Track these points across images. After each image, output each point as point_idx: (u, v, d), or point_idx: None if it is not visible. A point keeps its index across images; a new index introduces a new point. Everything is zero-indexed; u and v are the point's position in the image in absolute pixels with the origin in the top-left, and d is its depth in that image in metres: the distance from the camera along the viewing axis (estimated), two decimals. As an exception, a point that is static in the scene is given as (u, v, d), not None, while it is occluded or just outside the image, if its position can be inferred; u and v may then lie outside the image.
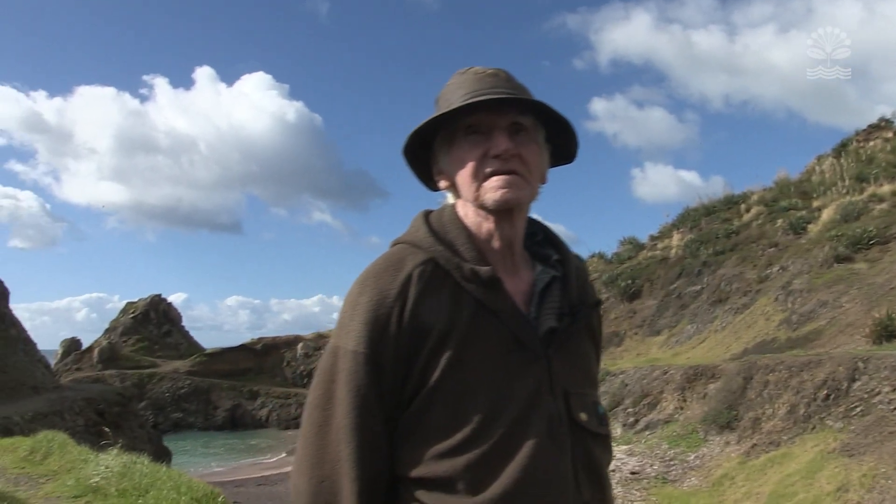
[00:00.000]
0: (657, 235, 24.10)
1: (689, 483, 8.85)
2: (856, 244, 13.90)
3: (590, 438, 1.22)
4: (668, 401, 11.78)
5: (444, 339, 1.14)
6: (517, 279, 1.27)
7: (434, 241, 1.23)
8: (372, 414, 1.14)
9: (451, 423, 1.12)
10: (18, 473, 7.38)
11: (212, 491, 5.21)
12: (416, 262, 1.19)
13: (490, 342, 1.17)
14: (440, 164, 1.32)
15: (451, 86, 1.29)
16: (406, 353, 1.14)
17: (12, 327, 19.24)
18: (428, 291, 1.17)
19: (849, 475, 6.46)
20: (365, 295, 1.17)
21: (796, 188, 20.51)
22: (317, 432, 1.16)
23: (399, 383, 1.15)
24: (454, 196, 1.32)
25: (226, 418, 32.16)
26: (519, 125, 1.25)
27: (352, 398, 1.13)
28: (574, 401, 1.21)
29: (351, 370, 1.14)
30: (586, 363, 1.31)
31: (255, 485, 16.97)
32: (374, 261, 1.23)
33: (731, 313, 15.54)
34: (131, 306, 38.38)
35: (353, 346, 1.15)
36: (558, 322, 1.23)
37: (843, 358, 8.59)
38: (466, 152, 1.24)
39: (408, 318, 1.15)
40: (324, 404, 1.16)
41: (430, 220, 1.29)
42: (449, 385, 1.13)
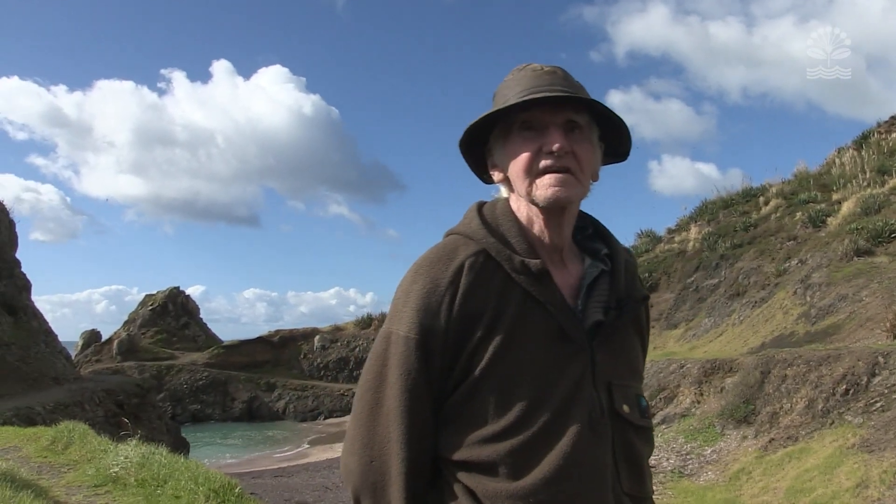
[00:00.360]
0: (674, 228, 23.93)
1: (706, 477, 8.80)
2: (876, 237, 13.71)
3: (631, 430, 1.26)
4: (685, 395, 11.71)
5: (493, 328, 1.18)
6: (566, 272, 1.31)
7: (486, 233, 1.26)
8: (421, 398, 1.18)
9: (496, 409, 1.17)
10: (41, 462, 7.50)
11: (229, 482, 5.26)
12: (468, 252, 1.24)
13: (537, 333, 1.20)
14: (495, 158, 1.35)
15: (509, 82, 1.32)
16: (455, 341, 1.19)
17: (34, 319, 19.51)
18: (478, 282, 1.21)
19: (868, 471, 6.39)
20: (418, 283, 1.22)
21: (816, 181, 20.24)
22: (368, 414, 1.21)
23: (447, 369, 1.20)
24: (507, 190, 1.36)
25: (243, 410, 32.41)
26: (574, 123, 1.27)
27: (402, 382, 1.18)
28: (617, 392, 1.25)
29: (402, 355, 1.18)
30: (631, 356, 1.34)
31: (272, 476, 17.09)
32: (428, 250, 1.27)
33: (748, 307, 15.41)
34: (150, 299, 38.75)
35: (405, 332, 1.19)
36: (604, 315, 1.26)
37: (863, 352, 8.49)
38: (520, 148, 1.27)
39: (458, 306, 1.19)
40: (375, 387, 1.21)
41: (483, 212, 1.32)
42: (495, 373, 1.17)
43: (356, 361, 34.51)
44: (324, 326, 37.73)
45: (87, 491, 5.98)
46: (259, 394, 33.20)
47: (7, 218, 19.78)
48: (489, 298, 1.20)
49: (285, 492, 13.60)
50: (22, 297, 19.41)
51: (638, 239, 25.08)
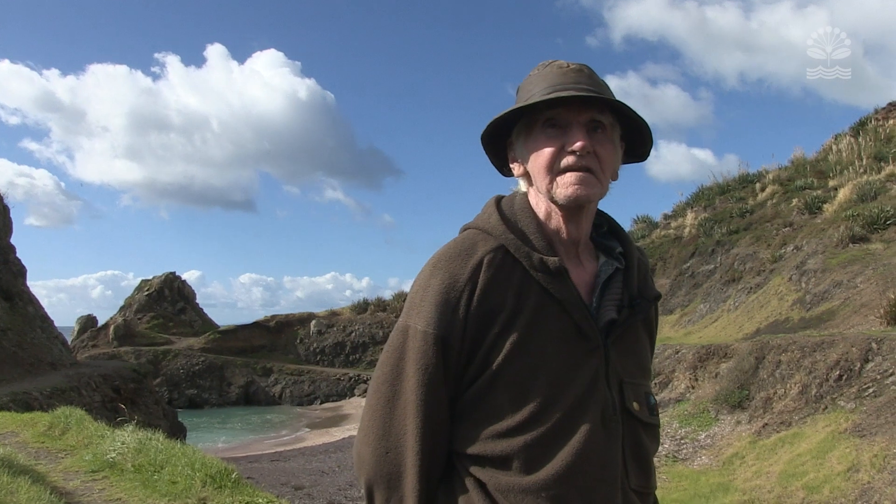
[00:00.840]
0: (671, 214, 23.98)
1: (700, 462, 8.87)
2: (872, 224, 13.75)
3: (640, 427, 1.28)
4: (680, 380, 11.78)
5: (510, 324, 1.19)
6: (581, 270, 1.32)
7: (505, 229, 1.27)
8: (438, 391, 1.19)
9: (511, 405, 1.18)
10: (38, 448, 7.52)
11: (225, 468, 5.28)
12: (487, 248, 1.24)
13: (553, 330, 1.21)
14: (516, 153, 1.36)
15: (534, 77, 1.32)
16: (473, 336, 1.19)
17: (30, 305, 19.47)
18: (497, 278, 1.21)
19: (860, 455, 6.45)
20: (436, 278, 1.22)
21: (812, 167, 20.27)
22: (384, 405, 1.22)
23: (464, 364, 1.21)
24: (526, 184, 1.36)
25: (239, 395, 32.49)
26: (597, 122, 1.27)
27: (420, 375, 1.19)
28: (628, 390, 1.27)
29: (420, 349, 1.19)
30: (641, 354, 1.36)
31: (269, 461, 17.17)
32: (447, 244, 1.28)
33: (744, 293, 15.46)
34: (146, 284, 38.69)
35: (424, 327, 1.20)
36: (618, 314, 1.28)
37: (857, 338, 8.54)
38: (543, 145, 1.27)
39: (476, 302, 1.19)
40: (392, 380, 1.22)
41: (502, 207, 1.33)
42: (511, 369, 1.18)
43: (352, 346, 34.61)
44: (320, 311, 37.77)
45: (85, 476, 6.00)
46: (255, 378, 33.27)
47: (1, 204, 19.68)
48: (507, 295, 1.21)
49: (282, 476, 13.67)
50: (17, 283, 19.37)
51: (634, 224, 25.12)
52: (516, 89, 1.38)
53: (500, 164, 1.42)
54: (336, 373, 33.03)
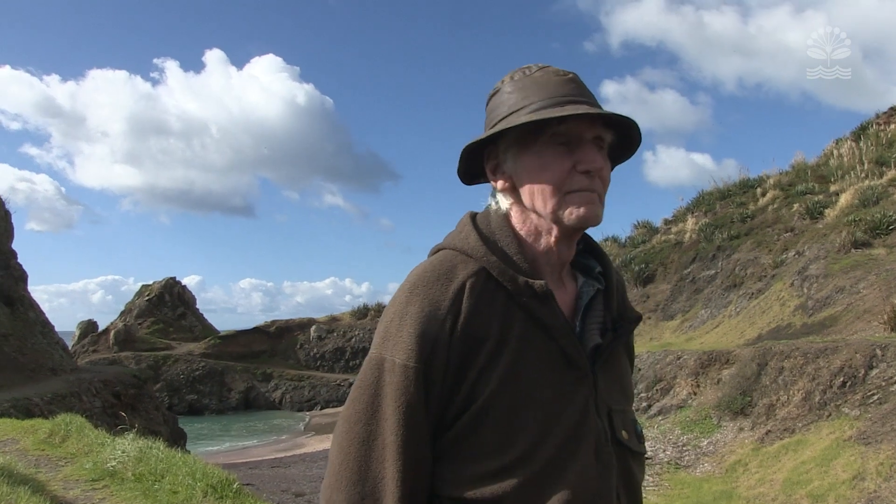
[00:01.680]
0: (671, 219, 23.94)
1: (702, 469, 8.83)
2: (874, 229, 13.71)
3: (630, 457, 1.20)
4: (682, 386, 11.73)
5: (496, 354, 1.10)
6: (563, 291, 1.24)
7: (487, 251, 1.17)
8: (420, 432, 1.10)
9: (500, 443, 1.09)
10: (38, 455, 7.49)
11: (227, 477, 5.25)
12: (468, 272, 1.15)
13: (540, 358, 1.13)
14: (503, 165, 1.24)
15: (526, 83, 1.22)
16: (456, 369, 1.10)
17: (31, 310, 19.44)
18: (481, 304, 1.12)
19: (865, 463, 6.41)
20: (414, 305, 1.12)
21: (813, 172, 20.23)
22: (359, 447, 1.11)
23: (446, 399, 1.11)
24: (508, 200, 1.25)
25: (240, 400, 32.47)
26: (601, 140, 1.20)
27: (401, 414, 1.09)
28: (616, 419, 1.19)
29: (400, 385, 1.09)
30: (625, 380, 1.28)
31: (269, 467, 17.14)
32: (422, 268, 1.17)
33: (745, 298, 15.42)
34: (146, 289, 38.69)
35: (404, 360, 1.10)
36: (601, 338, 1.21)
37: (861, 345, 8.50)
38: (553, 161, 1.17)
39: (460, 331, 1.10)
40: (367, 419, 1.11)
41: (479, 226, 1.23)
42: (499, 403, 1.09)
43: (352, 351, 34.57)
44: (320, 317, 37.77)
45: (85, 485, 5.97)
46: (255, 384, 33.25)
47: (3, 209, 19.65)
48: (492, 322, 1.11)
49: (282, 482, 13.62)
50: (18, 288, 19.34)
51: (635, 230, 25.10)
52: (495, 90, 1.26)
53: (468, 174, 1.31)
54: (336, 378, 32.97)
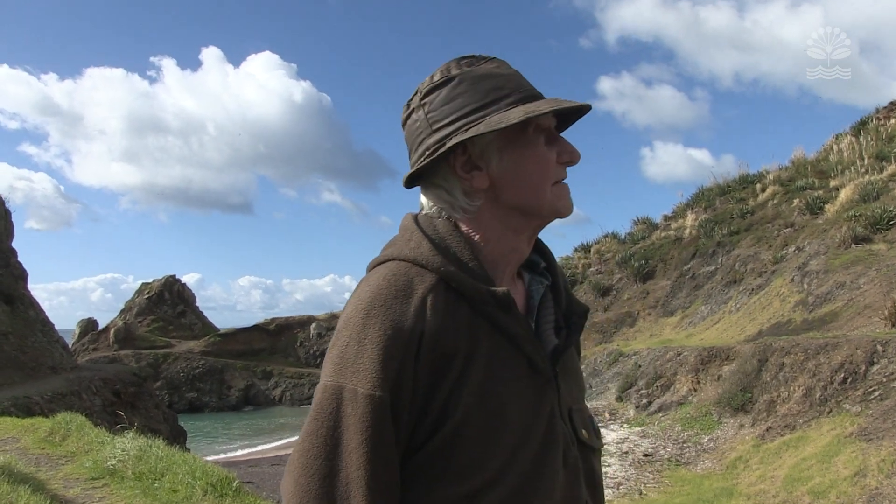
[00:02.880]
0: (671, 215, 23.95)
1: (703, 466, 8.83)
2: (875, 224, 13.70)
3: (591, 454, 1.18)
4: (682, 382, 11.74)
5: (466, 371, 1.03)
6: (517, 294, 1.17)
7: (443, 260, 1.09)
8: (389, 462, 1.01)
9: (474, 462, 1.02)
10: (39, 454, 7.49)
11: (226, 476, 5.24)
12: (427, 286, 1.07)
13: (508, 370, 1.07)
14: (480, 162, 1.15)
15: (498, 74, 1.16)
16: (425, 391, 1.02)
17: (31, 308, 19.43)
18: (444, 320, 1.04)
19: (866, 460, 6.40)
20: (373, 327, 1.03)
21: (813, 167, 20.22)
22: (320, 485, 1.00)
23: (415, 423, 1.03)
24: (476, 200, 1.15)
25: (239, 398, 32.51)
26: None
27: (367, 448, 0.99)
28: (577, 418, 1.16)
29: (365, 416, 1.00)
30: (578, 376, 1.25)
31: (270, 465, 17.16)
32: (375, 284, 1.08)
33: (745, 294, 15.42)
34: (146, 287, 38.69)
35: (368, 389, 1.00)
36: (556, 337, 1.16)
37: (861, 341, 8.49)
38: (546, 154, 1.14)
39: (426, 351, 1.02)
40: (327, 454, 1.01)
41: (427, 232, 1.14)
42: (472, 421, 1.03)
43: (353, 349, 34.59)
44: (319, 314, 37.77)
45: (85, 484, 5.96)
46: (255, 381, 33.28)
47: (2, 208, 19.65)
48: (459, 338, 1.04)
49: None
50: (18, 287, 19.33)
51: (634, 226, 25.10)
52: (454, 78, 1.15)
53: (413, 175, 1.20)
54: (337, 375, 32.99)
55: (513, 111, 1.11)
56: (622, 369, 14.31)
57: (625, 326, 18.56)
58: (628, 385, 13.24)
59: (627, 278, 20.77)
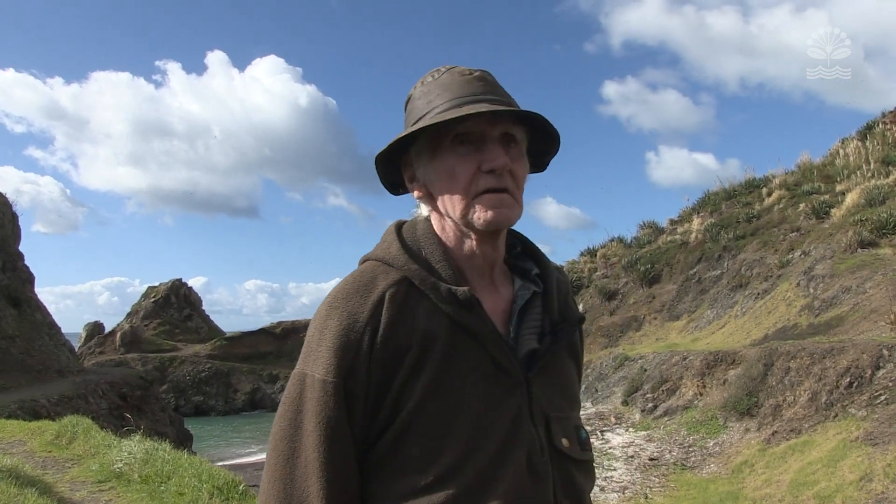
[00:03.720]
0: (677, 219, 23.89)
1: (709, 470, 8.81)
2: (881, 229, 13.64)
3: (572, 465, 1.17)
4: (688, 387, 11.71)
5: (420, 365, 1.07)
6: (496, 297, 1.21)
7: (408, 259, 1.15)
8: (343, 447, 1.07)
9: (428, 456, 1.06)
10: (45, 457, 7.53)
11: (233, 479, 5.26)
12: (389, 282, 1.12)
13: (468, 367, 1.10)
14: (416, 172, 1.22)
15: (431, 86, 1.20)
16: (378, 381, 1.07)
17: (38, 312, 19.54)
18: (402, 314, 1.09)
19: (872, 464, 6.38)
20: (333, 319, 1.10)
21: (819, 172, 20.15)
22: (283, 465, 1.08)
23: (371, 413, 1.08)
24: (428, 207, 1.23)
25: (246, 401, 32.58)
26: (510, 136, 1.17)
27: (321, 430, 1.06)
28: (555, 426, 1.16)
29: (320, 400, 1.07)
30: (568, 384, 1.25)
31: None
32: (343, 280, 1.16)
33: (751, 298, 15.37)
34: (153, 290, 38.83)
35: (322, 375, 1.07)
36: (539, 343, 1.17)
37: (867, 345, 8.47)
38: (457, 165, 1.14)
39: (380, 343, 1.07)
40: (290, 435, 1.08)
41: (403, 235, 1.21)
42: (425, 415, 1.07)
43: (359, 353, 34.61)
44: (326, 318, 37.79)
45: (92, 487, 6.00)
46: (261, 385, 33.34)
47: (10, 211, 19.78)
48: (414, 332, 1.08)
49: (289, 484, 13.64)
50: (26, 290, 19.45)
51: (640, 230, 25.05)
52: (406, 98, 1.23)
53: (393, 183, 1.28)
54: (342, 379, 33.01)
55: (421, 123, 1.15)
56: (628, 373, 14.28)
57: (631, 330, 18.51)
58: (634, 389, 13.20)
59: (633, 282, 20.73)
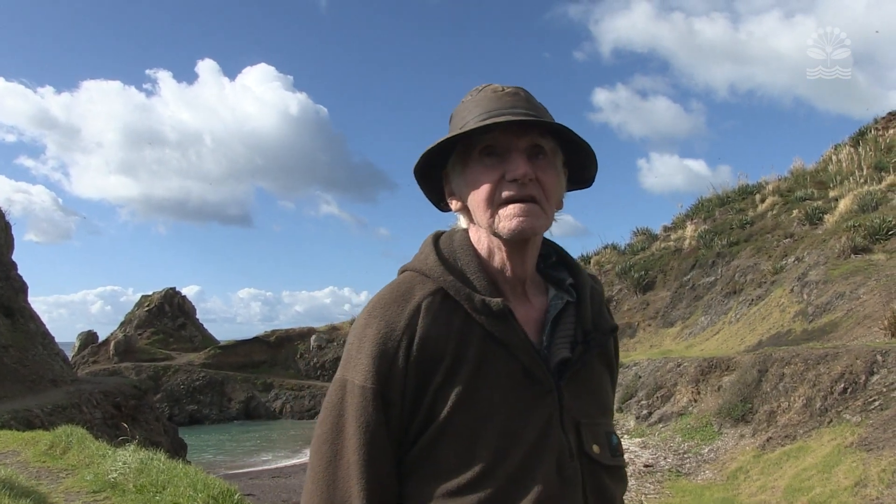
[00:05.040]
0: (671, 226, 23.97)
1: (704, 476, 8.82)
2: (874, 235, 13.73)
3: (603, 471, 1.20)
4: (682, 393, 11.73)
5: (454, 373, 1.12)
6: (529, 307, 1.24)
7: (444, 270, 1.19)
8: (382, 450, 1.12)
9: (460, 460, 1.10)
10: (39, 467, 7.47)
11: (228, 488, 5.24)
12: (425, 292, 1.17)
13: (500, 376, 1.14)
14: (452, 186, 1.28)
15: (467, 104, 1.25)
16: (414, 388, 1.12)
17: (31, 321, 19.42)
18: (437, 324, 1.14)
19: (867, 470, 6.40)
20: (372, 327, 1.15)
21: (812, 178, 20.28)
22: (326, 467, 1.13)
23: (407, 418, 1.13)
24: (466, 219, 1.28)
25: (240, 410, 32.37)
26: (538, 148, 1.20)
27: (361, 434, 1.11)
28: (586, 433, 1.19)
29: (360, 406, 1.12)
30: (600, 392, 1.28)
31: (270, 477, 17.09)
32: (382, 290, 1.20)
33: (745, 305, 15.43)
34: (146, 299, 38.63)
35: (361, 381, 1.13)
36: (571, 352, 1.20)
37: (861, 351, 8.51)
38: (481, 175, 1.19)
39: (416, 351, 1.12)
40: (332, 439, 1.14)
41: (440, 246, 1.26)
42: (458, 421, 1.11)
43: (354, 361, 34.46)
44: (320, 326, 37.64)
45: (86, 497, 5.96)
46: (256, 394, 33.16)
47: (3, 220, 19.67)
48: (449, 341, 1.13)
49: (283, 492, 13.58)
50: (19, 299, 19.33)
51: (634, 237, 25.12)
52: (449, 117, 1.29)
53: (437, 199, 1.33)
54: (337, 387, 32.86)
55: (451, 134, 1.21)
56: (622, 380, 14.29)
57: (625, 337, 18.54)
58: (629, 396, 13.22)
59: (627, 289, 20.77)
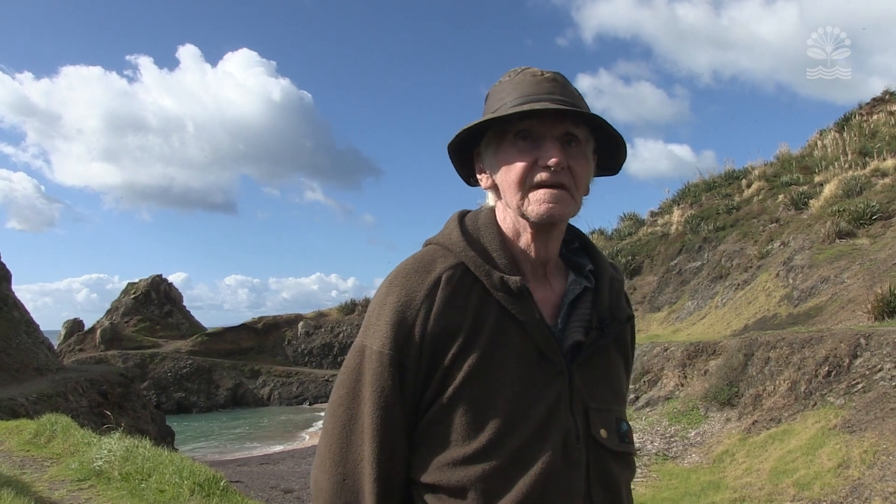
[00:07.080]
0: (657, 211, 24.03)
1: (690, 460, 8.89)
2: (858, 219, 13.83)
3: (608, 456, 1.21)
4: (669, 377, 11.80)
5: (468, 345, 1.14)
6: (548, 289, 1.27)
7: (466, 246, 1.22)
8: (395, 415, 1.14)
9: (468, 432, 1.13)
10: (24, 456, 7.43)
11: (214, 475, 5.22)
12: (446, 265, 1.20)
13: (513, 352, 1.16)
14: (484, 164, 1.30)
15: (505, 85, 1.26)
16: (429, 357, 1.14)
17: (15, 309, 19.24)
18: (455, 296, 1.16)
19: (850, 451, 6.48)
20: (392, 295, 1.17)
21: (798, 163, 20.38)
22: (341, 430, 1.17)
23: (420, 387, 1.15)
24: (494, 197, 1.31)
25: (228, 397, 32.34)
26: (572, 136, 1.22)
27: (376, 398, 1.14)
28: (594, 417, 1.20)
29: (376, 371, 1.14)
30: (613, 378, 1.29)
31: (258, 464, 17.09)
32: (405, 260, 1.23)
33: (731, 289, 15.53)
34: (132, 287, 38.39)
35: (379, 347, 1.15)
36: (585, 336, 1.22)
37: (845, 334, 8.58)
38: (515, 158, 1.21)
39: (433, 321, 1.14)
40: (348, 402, 1.17)
41: (465, 223, 1.28)
42: (468, 393, 1.13)
43: (340, 347, 34.49)
44: (307, 312, 37.64)
45: (71, 485, 5.93)
46: (243, 381, 33.13)
47: (-17, 207, 19.43)
48: (466, 314, 1.16)
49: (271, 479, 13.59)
50: (2, 288, 19.15)
51: (621, 222, 25.18)
52: (486, 95, 1.32)
53: (467, 174, 1.36)
54: (324, 374, 32.91)
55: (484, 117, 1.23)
56: (610, 365, 14.38)
57: (612, 322, 18.64)
58: (616, 380, 13.30)
59: (615, 274, 20.86)
